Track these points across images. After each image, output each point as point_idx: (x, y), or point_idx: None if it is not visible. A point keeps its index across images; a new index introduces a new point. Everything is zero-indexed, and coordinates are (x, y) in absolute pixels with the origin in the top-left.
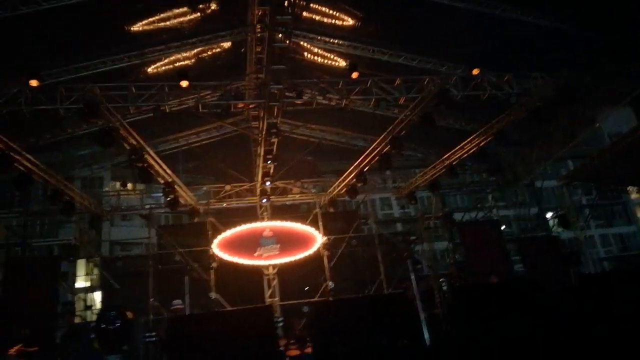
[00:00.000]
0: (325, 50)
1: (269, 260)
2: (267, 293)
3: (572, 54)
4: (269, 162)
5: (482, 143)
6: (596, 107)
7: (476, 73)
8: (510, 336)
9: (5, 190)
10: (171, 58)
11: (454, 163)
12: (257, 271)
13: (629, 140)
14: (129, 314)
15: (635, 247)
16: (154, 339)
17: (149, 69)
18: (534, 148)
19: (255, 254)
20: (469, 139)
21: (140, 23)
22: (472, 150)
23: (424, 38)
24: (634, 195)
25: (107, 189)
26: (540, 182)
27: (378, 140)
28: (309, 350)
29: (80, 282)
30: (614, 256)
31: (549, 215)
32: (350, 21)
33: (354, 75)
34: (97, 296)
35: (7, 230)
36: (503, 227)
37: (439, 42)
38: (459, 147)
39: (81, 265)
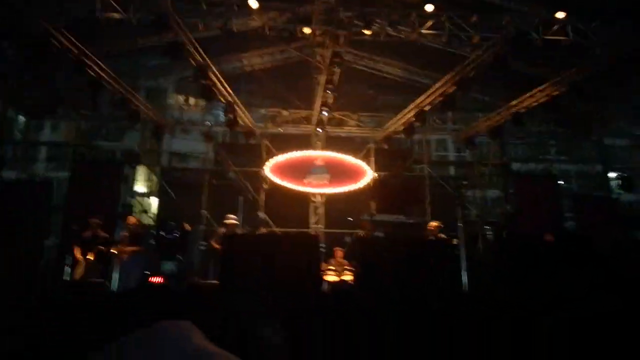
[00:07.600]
0: None
1: (318, 188)
2: (313, 219)
3: None
4: (328, 91)
5: (555, 93)
6: None
7: (561, 17)
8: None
9: (74, 95)
10: None
11: (521, 111)
12: (304, 197)
13: None
14: (187, 226)
15: None
16: (204, 247)
17: None
18: (613, 102)
19: (305, 181)
20: (541, 87)
21: None
22: (542, 100)
23: None
24: None
25: (170, 101)
26: (611, 140)
27: (444, 79)
28: (346, 277)
29: (139, 187)
30: None
31: (611, 175)
32: None
33: (428, 8)
34: (154, 202)
35: (76, 131)
36: (561, 182)
37: None
38: (528, 94)
39: (141, 171)
